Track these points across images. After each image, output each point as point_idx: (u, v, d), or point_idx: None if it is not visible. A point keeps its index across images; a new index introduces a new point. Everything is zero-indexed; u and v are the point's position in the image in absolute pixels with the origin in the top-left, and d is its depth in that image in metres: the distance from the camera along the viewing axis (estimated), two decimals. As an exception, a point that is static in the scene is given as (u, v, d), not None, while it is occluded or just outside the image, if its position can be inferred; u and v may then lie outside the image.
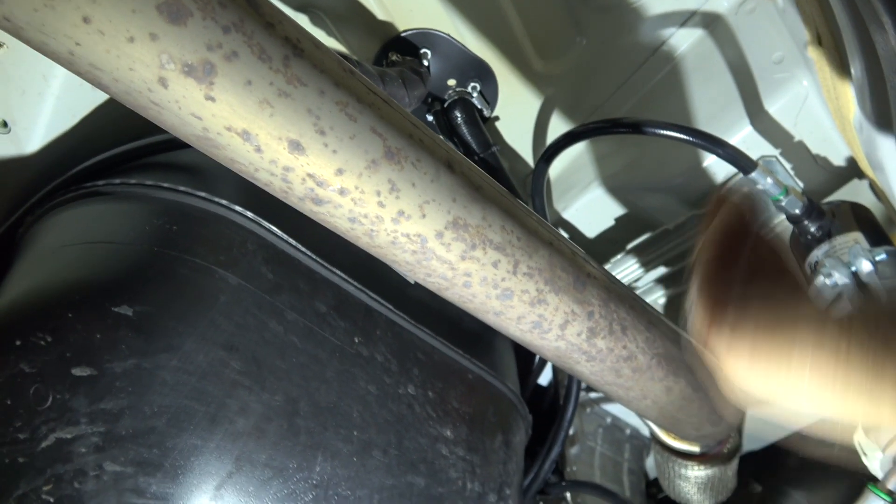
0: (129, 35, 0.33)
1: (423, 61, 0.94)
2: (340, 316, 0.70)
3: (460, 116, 0.96)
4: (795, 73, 0.81)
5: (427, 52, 0.94)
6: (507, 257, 0.49)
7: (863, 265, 0.67)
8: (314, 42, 0.40)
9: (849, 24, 0.56)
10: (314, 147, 0.39)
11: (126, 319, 0.56)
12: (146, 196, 0.66)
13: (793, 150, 0.86)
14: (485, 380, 0.86)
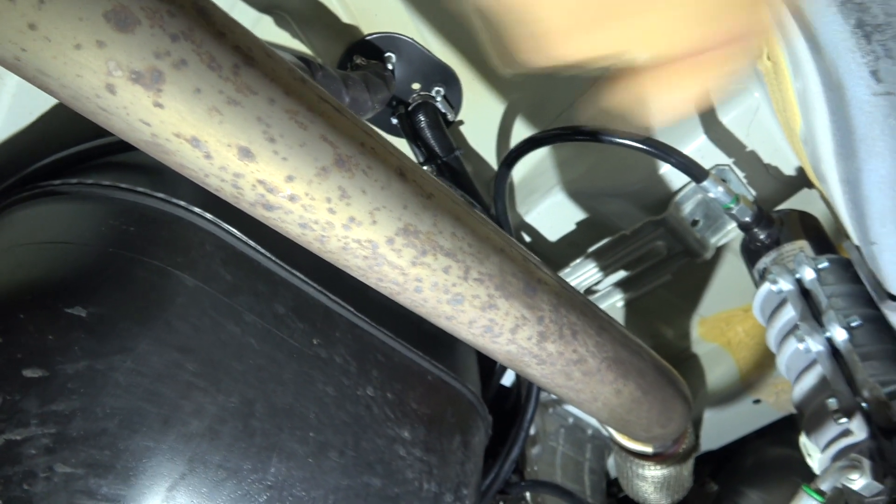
0: (76, 42, 0.33)
1: (388, 65, 0.95)
2: (299, 318, 0.70)
3: (424, 120, 0.97)
4: (748, 86, 0.84)
5: (392, 55, 0.95)
6: (457, 263, 0.50)
7: (806, 272, 0.70)
8: (266, 51, 0.41)
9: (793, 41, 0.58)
10: (264, 154, 0.40)
11: (79, 321, 0.56)
12: (103, 196, 0.66)
13: (746, 160, 0.89)
14: (444, 381, 0.87)
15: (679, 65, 0.38)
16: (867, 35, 0.42)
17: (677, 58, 0.37)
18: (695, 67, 0.38)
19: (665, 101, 0.41)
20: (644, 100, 0.40)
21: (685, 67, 0.38)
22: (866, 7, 0.40)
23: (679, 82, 0.39)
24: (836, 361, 0.64)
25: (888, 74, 0.43)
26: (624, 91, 0.39)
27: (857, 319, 0.64)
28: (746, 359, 1.43)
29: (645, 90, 0.39)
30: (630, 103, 0.40)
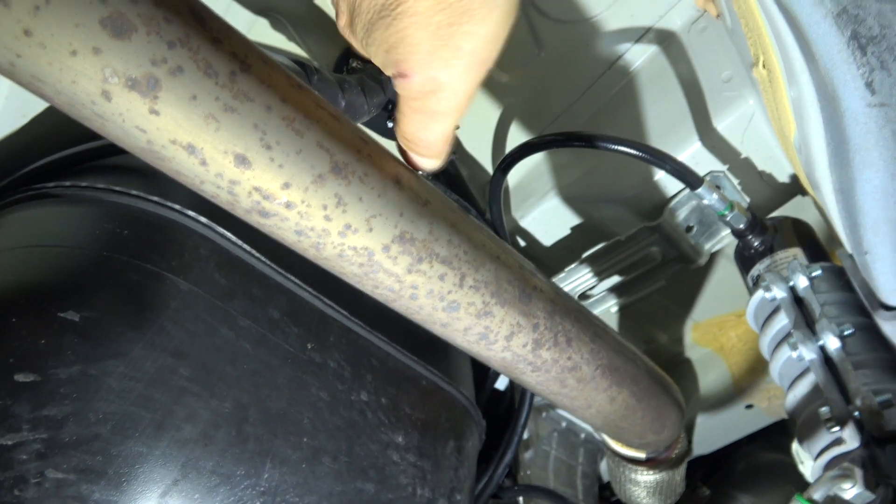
0: (72, 49, 0.33)
1: (384, 69, 0.94)
2: (294, 322, 0.70)
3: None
4: (742, 93, 0.84)
5: (388, 59, 0.95)
6: (453, 270, 0.50)
7: (799, 280, 0.70)
8: (262, 57, 0.40)
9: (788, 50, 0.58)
10: (260, 161, 0.39)
11: (72, 325, 0.56)
12: (97, 199, 0.65)
13: (740, 167, 0.89)
14: (439, 386, 0.87)
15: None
16: (862, 47, 0.42)
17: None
18: None
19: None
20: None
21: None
22: (861, 19, 0.41)
23: None
24: (829, 370, 0.64)
25: (883, 86, 0.44)
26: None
27: (850, 328, 0.64)
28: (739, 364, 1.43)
29: None
30: None
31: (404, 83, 0.44)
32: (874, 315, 0.61)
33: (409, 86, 0.44)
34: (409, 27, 0.40)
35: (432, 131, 0.47)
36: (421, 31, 0.40)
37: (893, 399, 0.59)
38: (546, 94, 1.01)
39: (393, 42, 0.42)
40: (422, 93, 0.44)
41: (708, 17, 0.89)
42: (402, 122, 0.47)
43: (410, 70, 0.43)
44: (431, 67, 0.42)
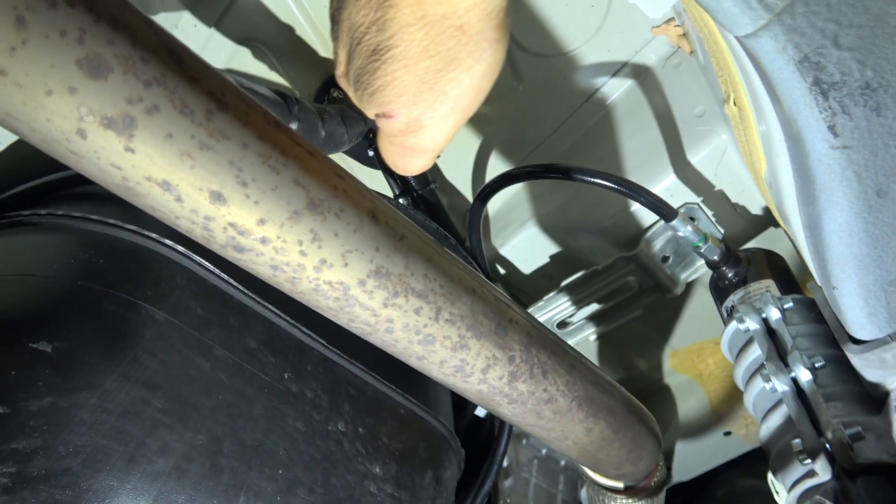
0: (48, 88, 0.33)
1: (365, 98, 0.95)
2: (271, 351, 0.70)
3: (400, 153, 0.97)
4: (715, 127, 0.86)
5: (369, 89, 0.96)
6: (429, 304, 0.50)
7: (772, 312, 0.71)
8: (239, 95, 0.41)
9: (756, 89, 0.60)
10: (236, 198, 0.40)
11: (44, 356, 0.55)
12: (73, 228, 0.65)
13: (714, 199, 0.91)
14: (417, 415, 0.87)
15: None
16: (824, 92, 0.43)
17: None
18: None
19: None
20: None
21: None
22: (823, 66, 0.42)
23: None
24: (800, 402, 0.65)
25: (845, 129, 0.45)
26: None
27: (821, 360, 0.65)
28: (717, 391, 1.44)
29: None
30: None
31: (388, 122, 0.46)
32: (844, 348, 0.62)
33: (393, 125, 0.45)
34: (397, 70, 0.42)
35: (412, 164, 0.49)
36: (409, 75, 0.42)
37: (863, 432, 0.60)
38: (525, 126, 1.03)
39: (380, 84, 0.43)
40: (404, 132, 0.45)
41: (682, 53, 0.91)
42: (384, 153, 0.49)
43: (395, 111, 0.44)
44: (416, 109, 0.44)
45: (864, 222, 0.50)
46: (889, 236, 0.51)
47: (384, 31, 0.40)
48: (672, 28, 0.88)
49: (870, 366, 0.61)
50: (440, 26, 0.39)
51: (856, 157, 0.46)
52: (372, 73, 0.43)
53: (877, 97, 0.43)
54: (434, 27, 0.39)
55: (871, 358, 0.59)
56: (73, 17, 0.33)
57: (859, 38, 0.41)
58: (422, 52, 0.40)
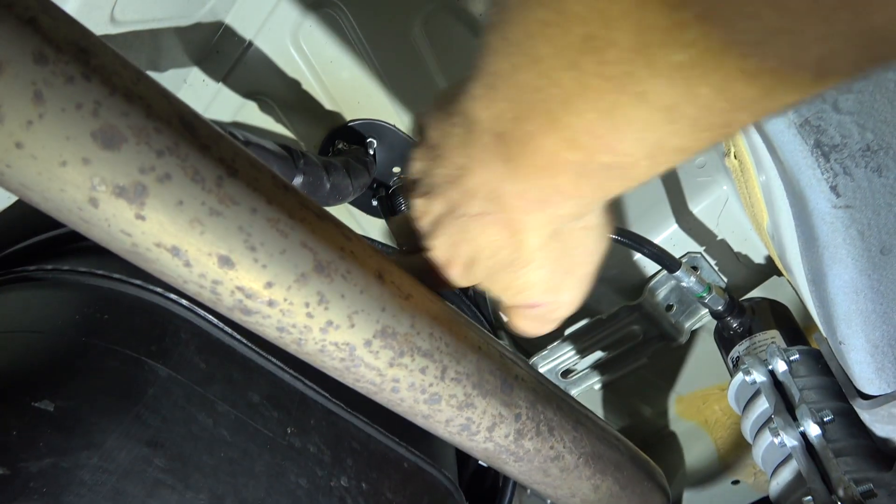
0: (62, 160, 0.33)
1: (369, 150, 0.97)
2: (274, 406, 0.69)
3: (404, 203, 0.98)
4: (716, 178, 0.87)
5: (373, 140, 0.98)
6: (434, 363, 0.50)
7: (778, 365, 0.71)
8: (249, 160, 0.42)
9: (756, 145, 0.61)
10: (244, 262, 0.40)
11: (46, 415, 0.54)
12: (78, 283, 0.65)
13: (716, 248, 0.91)
14: (421, 468, 0.85)
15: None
16: (825, 154, 0.44)
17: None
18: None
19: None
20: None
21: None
22: (823, 129, 0.43)
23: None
24: (810, 457, 0.64)
25: (847, 189, 0.45)
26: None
27: (830, 414, 0.65)
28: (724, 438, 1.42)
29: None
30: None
31: (529, 310, 0.48)
32: (853, 403, 0.62)
33: (534, 312, 0.48)
34: (537, 275, 0.44)
35: (545, 330, 0.50)
36: (548, 277, 0.44)
37: (875, 489, 0.59)
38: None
39: (520, 288, 0.45)
40: (544, 314, 0.48)
41: (681, 104, 0.93)
42: (517, 325, 0.50)
43: (539, 302, 0.46)
44: (556, 296, 0.46)
45: (869, 279, 0.50)
46: (895, 293, 0.51)
47: (520, 250, 0.42)
48: (671, 81, 0.90)
49: (879, 421, 0.60)
50: (570, 234, 0.41)
51: (859, 217, 0.47)
52: (510, 279, 0.45)
53: (878, 159, 0.44)
54: (566, 236, 0.41)
55: (880, 413, 0.59)
56: (89, 90, 0.34)
57: (858, 102, 0.42)
58: (558, 258, 0.42)
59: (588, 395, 1.20)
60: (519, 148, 0.34)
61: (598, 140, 0.30)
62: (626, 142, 0.30)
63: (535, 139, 0.32)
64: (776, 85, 0.24)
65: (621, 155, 0.31)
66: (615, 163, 0.31)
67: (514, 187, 0.37)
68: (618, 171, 0.32)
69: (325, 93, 0.94)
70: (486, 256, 0.43)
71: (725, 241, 0.91)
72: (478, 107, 0.36)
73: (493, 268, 0.44)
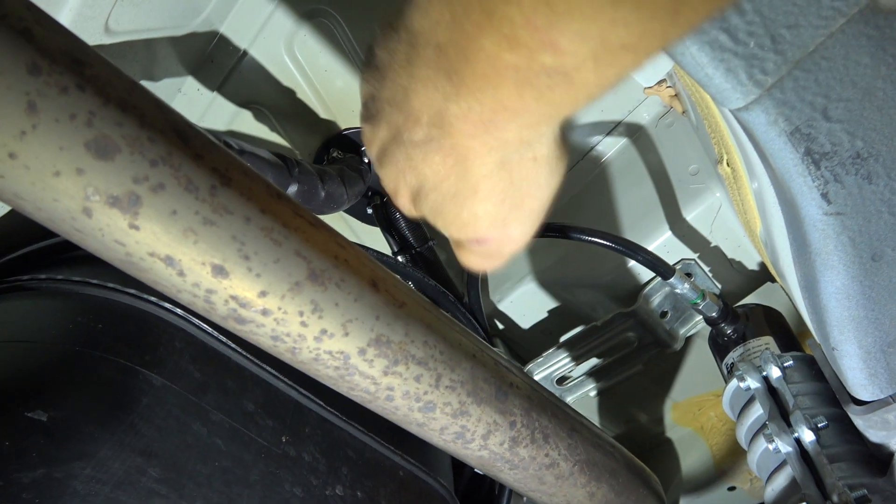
0: (56, 170, 0.33)
1: (364, 158, 0.97)
2: (268, 414, 0.69)
3: (399, 211, 0.98)
4: (709, 185, 0.88)
5: (368, 149, 0.97)
6: (429, 371, 0.50)
7: (772, 371, 0.71)
8: (243, 169, 0.42)
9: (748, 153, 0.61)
10: (238, 271, 0.40)
11: (39, 425, 0.54)
12: (72, 292, 0.65)
13: (710, 254, 0.92)
14: (416, 476, 0.85)
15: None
16: (816, 162, 0.44)
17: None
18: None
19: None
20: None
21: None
22: (814, 137, 0.43)
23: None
24: (805, 463, 0.64)
25: (838, 197, 0.46)
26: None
27: (824, 420, 0.65)
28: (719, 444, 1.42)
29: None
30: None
31: (477, 245, 0.46)
32: (846, 409, 0.62)
33: (482, 247, 0.46)
34: (484, 207, 0.42)
35: (495, 266, 0.49)
36: (495, 208, 0.42)
37: (869, 494, 0.59)
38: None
39: (466, 219, 0.43)
40: (493, 249, 0.46)
41: (674, 112, 0.93)
42: (466, 261, 0.48)
43: (485, 237, 0.45)
44: (504, 231, 0.44)
45: (861, 286, 0.50)
46: (886, 299, 0.51)
47: (464, 180, 0.41)
48: (664, 89, 0.91)
49: (873, 426, 0.60)
50: (518, 164, 0.40)
51: (850, 224, 0.47)
52: (456, 211, 0.43)
53: (868, 166, 0.44)
54: (513, 166, 0.40)
55: (873, 419, 0.59)
56: (83, 100, 0.34)
57: (848, 110, 0.42)
58: (505, 189, 0.41)
59: (584, 401, 1.20)
60: (459, 55, 0.33)
61: (538, 34, 0.29)
62: (567, 34, 0.29)
63: (474, 40, 0.31)
64: None
65: (563, 53, 0.29)
66: (558, 66, 0.30)
67: (458, 107, 0.35)
68: (561, 79, 0.31)
69: (319, 101, 0.95)
70: (430, 186, 0.42)
71: (719, 248, 0.91)
72: (418, 16, 0.35)
73: (439, 199, 0.42)
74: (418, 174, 0.42)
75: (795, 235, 0.54)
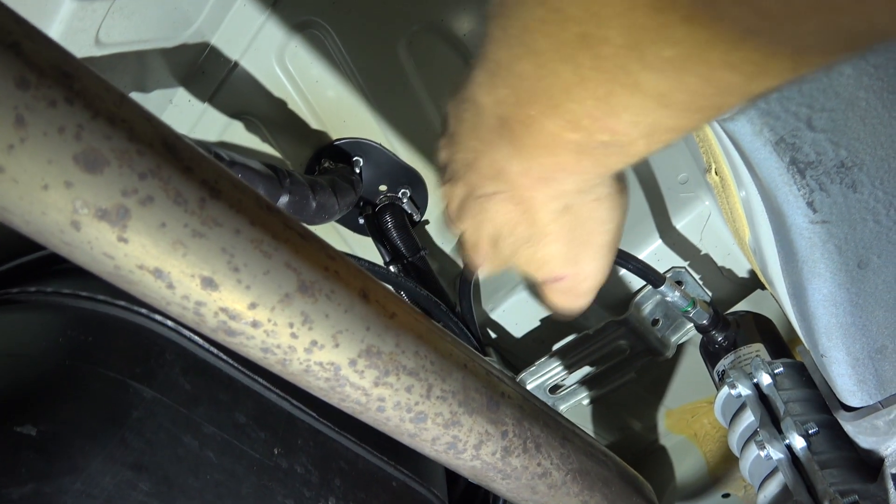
0: (44, 183, 0.33)
1: (356, 168, 0.97)
2: (260, 426, 0.69)
3: (390, 221, 0.99)
4: (699, 194, 0.88)
5: (359, 159, 0.98)
6: (420, 382, 0.50)
7: (763, 378, 0.72)
8: (232, 181, 0.42)
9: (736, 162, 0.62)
10: (227, 283, 0.40)
11: (29, 440, 0.54)
12: (62, 305, 0.65)
13: (700, 262, 0.92)
14: (410, 487, 0.85)
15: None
16: (801, 171, 0.45)
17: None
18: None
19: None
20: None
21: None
22: (798, 147, 0.44)
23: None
24: (796, 470, 0.64)
25: (823, 205, 0.46)
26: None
27: (814, 426, 0.65)
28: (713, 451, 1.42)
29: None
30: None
31: (556, 284, 0.49)
32: (836, 415, 0.62)
33: (561, 285, 0.49)
34: (555, 247, 0.45)
35: (581, 304, 0.52)
36: (567, 247, 0.46)
37: (860, 500, 0.59)
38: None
39: (541, 261, 0.47)
40: (572, 286, 0.49)
41: (663, 121, 0.94)
42: (553, 302, 0.51)
43: (562, 276, 0.48)
44: (579, 267, 0.47)
45: (848, 293, 0.51)
46: (873, 306, 0.52)
47: (534, 225, 0.44)
48: (652, 98, 0.91)
49: (863, 433, 0.60)
50: (581, 207, 0.43)
51: (835, 231, 0.47)
52: (531, 253, 0.47)
53: (852, 175, 0.45)
54: (577, 209, 0.43)
55: (863, 425, 0.59)
56: (71, 114, 0.34)
57: (832, 120, 0.43)
58: (572, 229, 0.44)
59: (577, 410, 1.20)
60: (522, 129, 0.36)
61: (597, 122, 0.32)
62: (623, 124, 0.32)
63: (537, 122, 0.34)
64: (758, 72, 0.27)
65: (619, 134, 0.32)
66: (613, 141, 0.33)
67: (519, 166, 0.39)
68: (616, 149, 0.34)
69: (310, 112, 0.95)
70: (505, 233, 0.46)
71: (709, 256, 0.92)
72: (481, 92, 0.38)
73: (514, 244, 0.46)
74: (493, 224, 0.45)
75: (782, 243, 0.55)
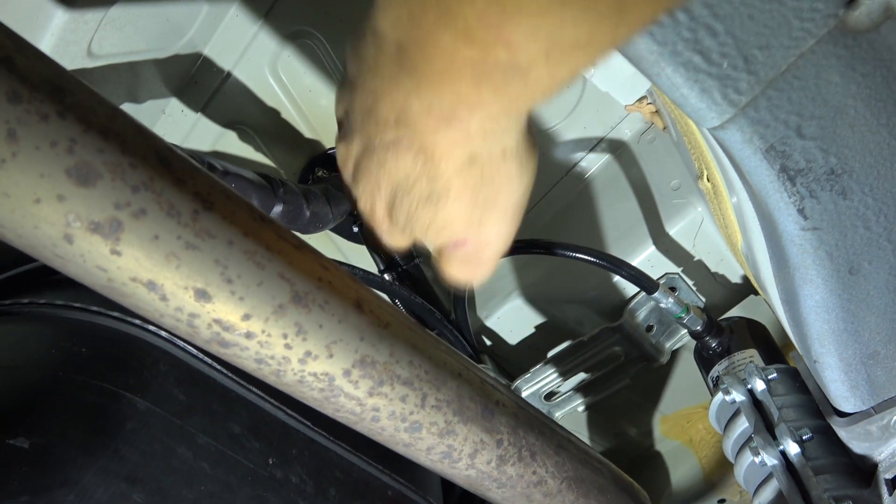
0: (36, 197, 0.33)
1: (349, 177, 0.97)
2: (255, 436, 0.68)
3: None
4: (691, 200, 0.89)
5: (353, 168, 0.98)
6: (414, 391, 0.50)
7: (757, 384, 0.72)
8: (226, 193, 0.42)
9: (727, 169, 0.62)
10: (221, 295, 0.40)
11: (21, 452, 0.54)
12: (55, 317, 0.65)
13: (693, 268, 0.93)
14: (405, 495, 0.85)
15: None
16: (791, 178, 0.45)
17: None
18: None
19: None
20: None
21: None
22: (788, 154, 0.44)
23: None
24: (790, 475, 0.64)
25: (814, 212, 0.47)
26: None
27: (808, 432, 0.66)
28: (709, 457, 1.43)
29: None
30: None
31: (457, 250, 0.46)
32: (829, 421, 0.63)
33: (463, 251, 0.46)
34: (458, 207, 0.43)
35: (483, 274, 0.49)
36: (470, 208, 0.43)
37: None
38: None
39: (442, 223, 0.44)
40: (475, 253, 0.46)
41: (656, 128, 0.95)
42: (453, 273, 0.49)
43: (464, 240, 0.45)
44: (482, 232, 0.45)
45: (840, 299, 0.51)
46: (864, 312, 0.52)
47: (436, 180, 0.41)
48: (645, 105, 0.92)
49: (856, 438, 0.61)
50: (487, 159, 0.41)
51: (826, 238, 0.48)
52: (431, 214, 0.44)
53: (842, 182, 0.45)
54: (483, 161, 0.41)
55: (856, 430, 0.59)
56: (64, 128, 0.34)
57: (821, 128, 0.43)
58: (476, 186, 0.42)
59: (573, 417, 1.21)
60: (418, 50, 0.34)
61: (492, 30, 0.31)
62: (519, 31, 0.30)
63: (431, 36, 0.33)
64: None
65: (516, 49, 0.31)
66: (511, 61, 0.32)
67: (420, 104, 0.37)
68: (516, 74, 0.32)
69: (304, 121, 0.95)
70: (404, 192, 0.43)
71: (702, 262, 0.92)
72: (379, 17, 0.36)
73: (413, 204, 0.43)
74: (391, 180, 0.42)
75: (774, 250, 0.55)
